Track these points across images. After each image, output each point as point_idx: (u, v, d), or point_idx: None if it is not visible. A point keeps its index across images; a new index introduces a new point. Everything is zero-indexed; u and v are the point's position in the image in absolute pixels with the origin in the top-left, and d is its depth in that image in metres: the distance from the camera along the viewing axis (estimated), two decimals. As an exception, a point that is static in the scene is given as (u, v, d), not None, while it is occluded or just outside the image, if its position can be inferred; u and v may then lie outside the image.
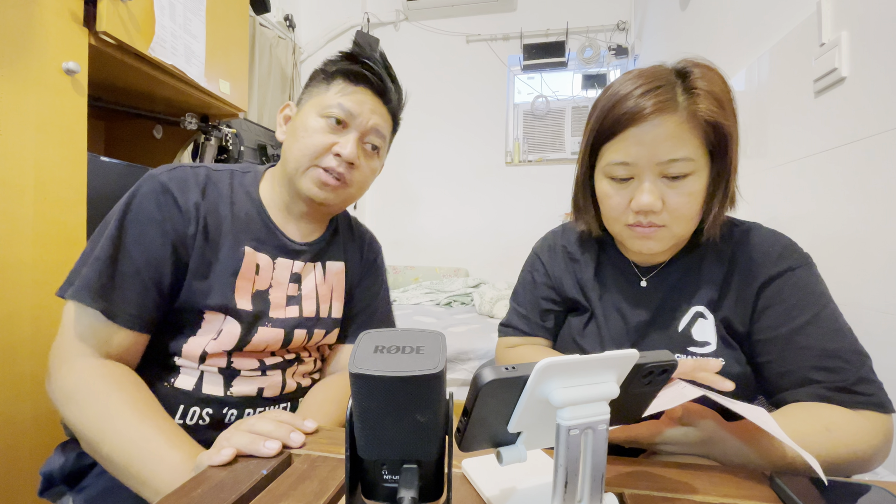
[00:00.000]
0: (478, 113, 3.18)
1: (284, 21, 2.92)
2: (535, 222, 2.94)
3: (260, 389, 0.67)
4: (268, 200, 0.71)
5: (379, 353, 0.27)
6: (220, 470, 0.43)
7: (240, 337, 0.64)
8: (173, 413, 0.62)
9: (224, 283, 0.64)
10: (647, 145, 0.56)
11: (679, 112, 0.55)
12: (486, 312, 2.19)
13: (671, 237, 0.60)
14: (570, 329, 0.73)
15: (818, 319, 0.56)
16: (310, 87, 0.71)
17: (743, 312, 0.60)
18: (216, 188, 0.67)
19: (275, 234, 0.70)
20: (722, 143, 0.56)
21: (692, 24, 1.88)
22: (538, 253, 0.80)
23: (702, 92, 0.55)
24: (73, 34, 1.00)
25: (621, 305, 0.68)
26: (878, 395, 0.52)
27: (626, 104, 0.56)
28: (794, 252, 0.60)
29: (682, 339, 0.62)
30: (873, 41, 0.85)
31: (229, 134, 1.61)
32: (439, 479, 0.31)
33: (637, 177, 0.58)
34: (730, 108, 0.57)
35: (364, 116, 0.68)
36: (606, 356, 0.31)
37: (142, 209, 0.61)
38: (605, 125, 0.59)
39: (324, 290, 0.75)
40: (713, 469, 0.46)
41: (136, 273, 0.59)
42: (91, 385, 0.54)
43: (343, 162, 0.67)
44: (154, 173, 0.64)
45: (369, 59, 0.69)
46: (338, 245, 0.80)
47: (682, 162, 0.55)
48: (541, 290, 0.77)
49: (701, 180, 0.57)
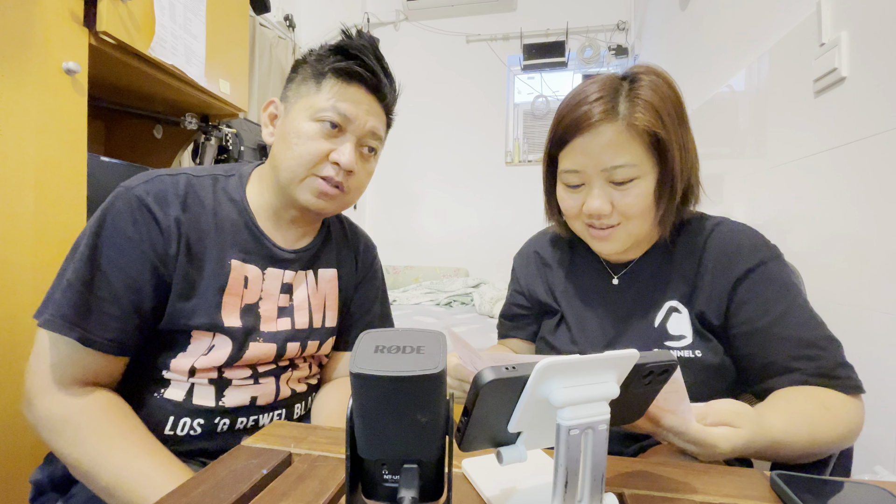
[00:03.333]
0: (478, 113, 3.18)
1: (284, 21, 2.92)
2: (535, 222, 2.91)
3: (253, 398, 0.65)
4: (255, 206, 0.67)
5: (379, 352, 0.27)
6: (220, 469, 0.43)
7: (230, 354, 0.62)
8: (163, 424, 0.60)
9: (210, 301, 0.61)
10: (592, 154, 0.60)
11: (619, 121, 0.58)
12: (486, 312, 2.19)
13: (627, 235, 0.63)
14: (543, 330, 0.77)
15: (792, 310, 0.59)
16: (297, 85, 0.66)
17: (718, 306, 0.62)
18: (197, 198, 0.63)
19: (263, 243, 0.66)
20: (662, 150, 0.59)
21: (692, 24, 1.88)
22: (514, 261, 0.85)
23: (641, 101, 0.59)
24: (73, 34, 1.00)
25: (595, 304, 0.70)
26: (854, 378, 0.56)
27: (573, 114, 0.61)
28: (764, 246, 0.63)
29: (658, 333, 0.64)
30: (873, 41, 0.85)
31: (229, 134, 1.61)
32: (439, 479, 0.31)
33: (587, 183, 0.62)
34: (670, 117, 0.60)
35: (360, 120, 0.64)
36: (606, 356, 0.31)
37: (117, 228, 0.56)
38: (558, 133, 0.63)
39: (316, 299, 0.73)
40: (713, 469, 0.46)
41: (113, 298, 0.55)
42: (80, 417, 0.53)
43: (341, 170, 0.64)
44: (129, 186, 0.59)
45: (361, 51, 0.64)
46: (330, 251, 0.76)
47: (625, 168, 0.59)
48: (512, 297, 0.82)
49: (647, 183, 0.60)
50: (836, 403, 0.53)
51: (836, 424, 0.51)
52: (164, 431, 0.60)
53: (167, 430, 0.60)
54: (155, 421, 0.60)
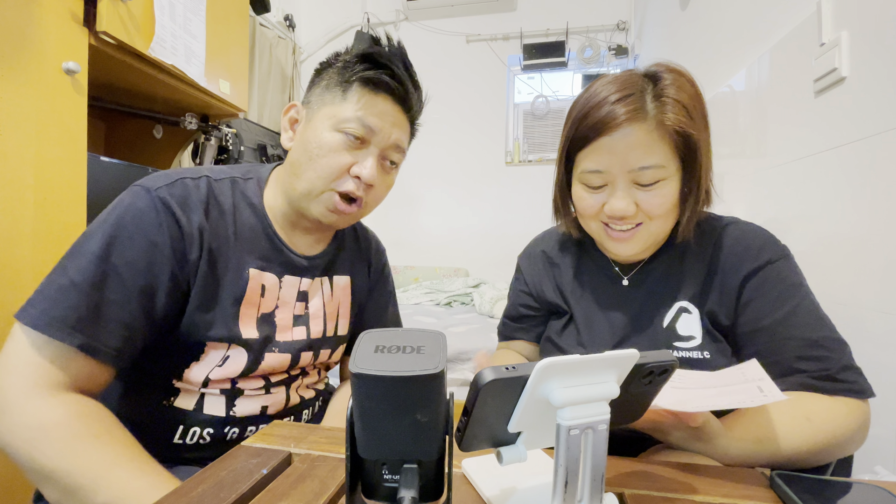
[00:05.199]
0: (478, 113, 3.18)
1: (284, 21, 2.92)
2: (535, 222, 2.92)
3: (263, 408, 0.64)
4: (273, 211, 0.66)
5: (379, 352, 0.27)
6: (220, 469, 0.43)
7: (246, 366, 0.61)
8: (172, 433, 0.59)
9: (228, 313, 0.59)
10: (618, 154, 0.57)
11: (648, 121, 0.56)
12: (486, 312, 2.19)
13: (648, 235, 0.62)
14: (550, 330, 0.75)
15: (799, 310, 0.58)
16: (321, 90, 0.63)
17: (728, 305, 0.61)
18: (217, 203, 0.61)
19: (281, 250, 0.65)
20: (691, 150, 0.58)
21: (692, 24, 1.88)
22: (519, 261, 0.83)
23: (670, 101, 0.57)
24: (73, 34, 1.00)
25: (604, 305, 0.69)
26: (859, 382, 0.55)
27: (598, 113, 0.58)
28: (773, 245, 0.62)
29: (667, 334, 0.63)
30: (873, 41, 0.85)
31: (229, 134, 1.61)
32: (439, 479, 0.31)
33: (610, 184, 0.60)
34: (699, 115, 0.59)
35: (385, 132, 0.62)
36: (606, 356, 0.31)
37: (139, 228, 0.53)
38: (578, 133, 0.60)
39: (331, 307, 0.72)
40: (713, 469, 0.46)
41: (126, 301, 0.51)
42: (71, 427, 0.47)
43: (362, 184, 0.61)
44: (149, 186, 0.56)
45: (391, 60, 0.61)
46: (344, 258, 0.75)
47: (652, 169, 0.57)
48: (519, 298, 0.80)
49: (673, 184, 0.59)
50: (822, 413, 0.52)
51: (815, 434, 0.50)
52: (173, 440, 0.59)
53: (176, 438, 0.59)
54: (164, 429, 0.59)
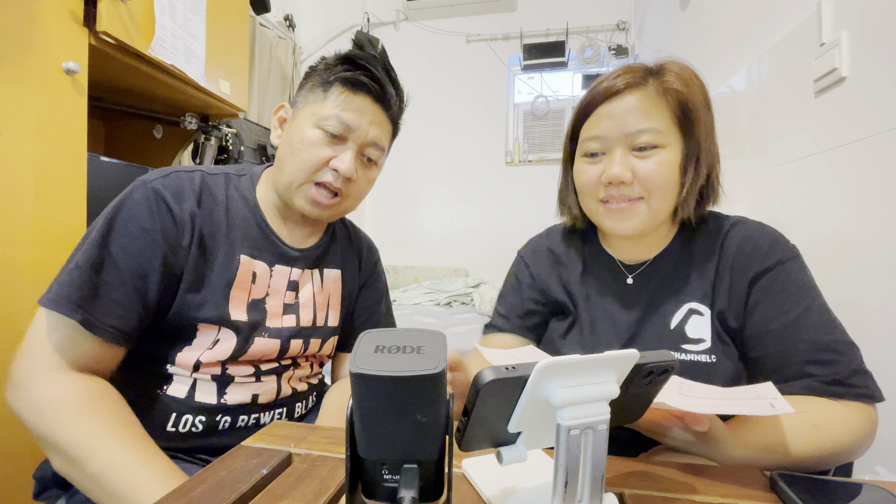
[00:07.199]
0: (478, 113, 3.18)
1: (284, 21, 2.92)
2: (535, 222, 2.91)
3: (255, 396, 0.66)
4: (265, 204, 0.69)
5: (379, 352, 0.27)
6: (220, 469, 0.43)
7: (235, 348, 0.63)
8: (166, 421, 0.61)
9: (218, 295, 0.62)
10: (616, 118, 0.60)
11: (647, 89, 0.60)
12: (486, 312, 2.19)
13: (647, 211, 0.61)
14: (552, 332, 0.73)
15: (810, 312, 0.56)
16: (306, 91, 0.68)
17: (736, 307, 0.60)
18: (211, 194, 0.65)
19: (272, 240, 0.68)
20: (689, 119, 0.60)
21: (692, 24, 1.88)
22: (523, 255, 0.81)
23: (672, 74, 0.60)
24: (73, 34, 1.00)
25: (609, 306, 0.68)
26: (870, 386, 0.53)
27: (599, 87, 0.62)
28: (783, 245, 0.61)
29: (675, 336, 0.62)
30: (873, 41, 0.85)
31: (229, 134, 1.61)
32: (439, 479, 0.31)
33: (609, 151, 0.62)
34: (698, 91, 0.61)
35: (363, 129, 0.65)
36: (606, 356, 0.31)
37: (132, 216, 0.58)
38: (581, 107, 0.65)
39: (321, 298, 0.74)
40: (713, 469, 0.46)
41: (121, 283, 0.56)
42: (74, 401, 0.51)
43: (340, 176, 0.65)
44: (146, 179, 0.61)
45: (369, 62, 0.66)
46: (335, 252, 0.78)
47: (649, 133, 0.59)
48: (526, 291, 0.77)
49: (671, 154, 0.60)
50: (830, 420, 0.51)
51: (823, 441, 0.49)
52: (167, 428, 0.61)
53: (169, 426, 0.61)
54: (157, 418, 0.60)
